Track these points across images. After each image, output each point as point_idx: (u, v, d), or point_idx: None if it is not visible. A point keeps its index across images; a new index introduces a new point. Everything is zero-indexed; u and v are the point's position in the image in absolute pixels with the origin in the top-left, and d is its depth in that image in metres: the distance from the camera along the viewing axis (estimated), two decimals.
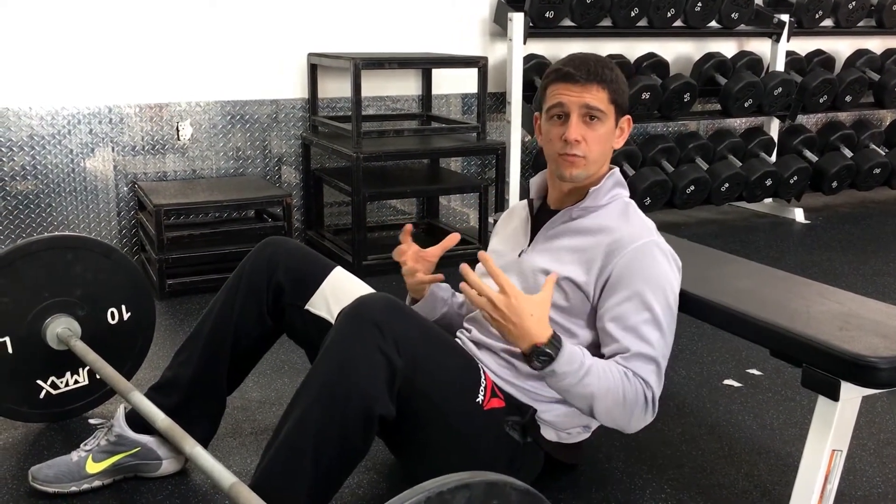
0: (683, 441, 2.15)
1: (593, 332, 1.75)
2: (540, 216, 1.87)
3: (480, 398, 1.66)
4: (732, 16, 4.40)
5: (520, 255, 1.85)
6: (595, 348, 1.74)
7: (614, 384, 1.59)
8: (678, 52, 4.70)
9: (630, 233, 1.73)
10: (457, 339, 1.89)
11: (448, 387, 1.64)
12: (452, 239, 1.88)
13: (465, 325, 1.94)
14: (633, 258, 1.69)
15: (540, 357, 1.53)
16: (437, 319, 1.97)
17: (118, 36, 3.46)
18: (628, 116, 1.81)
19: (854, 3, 4.80)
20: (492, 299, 1.52)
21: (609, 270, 1.70)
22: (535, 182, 1.92)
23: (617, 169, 1.85)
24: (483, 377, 1.70)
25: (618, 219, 1.78)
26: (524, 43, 3.92)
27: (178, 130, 3.63)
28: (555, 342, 1.54)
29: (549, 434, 1.79)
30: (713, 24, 4.43)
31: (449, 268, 3.59)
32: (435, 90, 4.08)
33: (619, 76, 1.76)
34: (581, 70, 1.71)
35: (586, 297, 1.73)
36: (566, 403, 1.77)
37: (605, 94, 1.72)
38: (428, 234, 4.14)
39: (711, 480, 1.97)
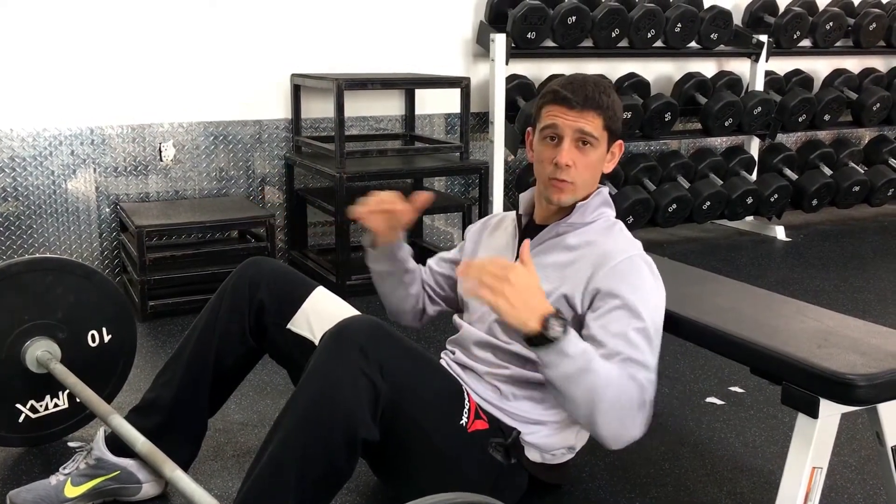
0: (666, 459, 2.16)
1: None
2: (528, 232, 1.88)
3: (464, 420, 1.66)
4: (712, 36, 4.45)
5: None
6: None
7: (615, 376, 1.54)
8: (659, 72, 4.74)
9: (616, 246, 1.75)
10: (441, 361, 1.89)
11: (432, 409, 1.63)
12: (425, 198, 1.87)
13: (449, 347, 1.95)
14: (621, 269, 1.70)
15: (554, 326, 1.46)
16: (404, 271, 1.98)
17: (100, 57, 3.46)
18: (620, 141, 1.82)
19: (831, 23, 4.86)
20: (505, 269, 1.46)
21: (597, 280, 1.70)
22: (524, 197, 1.93)
23: (604, 189, 1.85)
24: (467, 399, 1.70)
25: (603, 234, 1.79)
26: (506, 63, 3.95)
27: (160, 151, 3.63)
28: (562, 316, 1.50)
29: (533, 455, 1.79)
30: (693, 44, 4.47)
31: None
32: (418, 110, 4.10)
33: (615, 102, 1.76)
34: (579, 95, 1.71)
35: (573, 309, 1.73)
36: (549, 425, 1.78)
37: (600, 121, 1.73)
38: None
39: (694, 499, 1.97)
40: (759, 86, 4.72)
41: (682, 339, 1.88)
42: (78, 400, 2.03)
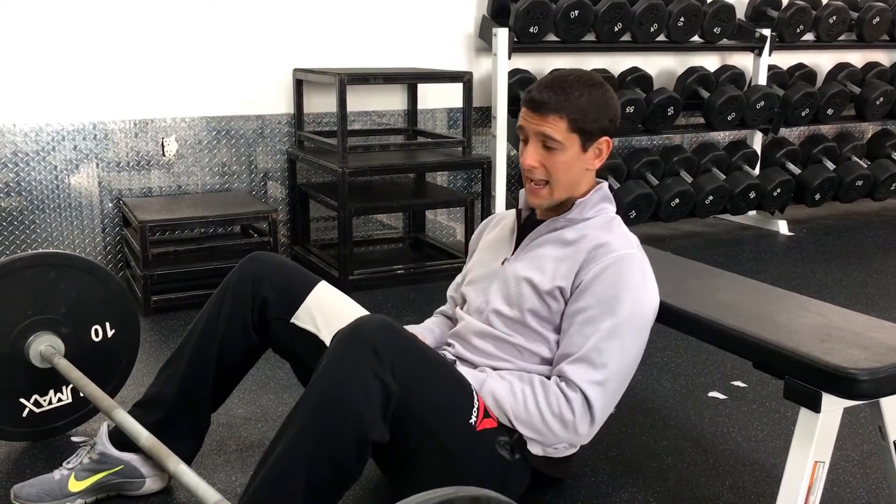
0: (669, 454, 2.16)
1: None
2: (526, 226, 1.89)
3: (473, 419, 1.66)
4: (715, 30, 4.44)
5: (503, 263, 1.86)
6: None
7: (521, 395, 1.69)
8: (661, 66, 4.73)
9: (612, 242, 1.75)
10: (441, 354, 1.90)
11: (442, 409, 1.63)
12: None
13: (449, 339, 1.95)
14: (610, 266, 1.71)
15: None
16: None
17: (103, 52, 3.46)
18: (606, 138, 1.78)
19: (835, 17, 4.85)
20: None
21: (584, 274, 1.72)
22: (524, 193, 1.93)
23: (605, 184, 1.85)
24: (476, 398, 1.69)
25: (601, 229, 1.79)
26: (509, 58, 3.94)
27: (163, 146, 3.63)
28: None
29: (535, 449, 1.78)
30: (696, 38, 4.46)
31: (437, 281, 3.59)
32: (420, 105, 4.09)
33: (591, 100, 1.73)
34: (543, 96, 1.71)
35: (565, 301, 1.75)
36: None
37: (563, 124, 1.71)
38: (414, 248, 4.15)
39: (696, 493, 1.98)
40: (762, 80, 4.71)
41: (684, 334, 1.89)
42: (81, 395, 2.04)
